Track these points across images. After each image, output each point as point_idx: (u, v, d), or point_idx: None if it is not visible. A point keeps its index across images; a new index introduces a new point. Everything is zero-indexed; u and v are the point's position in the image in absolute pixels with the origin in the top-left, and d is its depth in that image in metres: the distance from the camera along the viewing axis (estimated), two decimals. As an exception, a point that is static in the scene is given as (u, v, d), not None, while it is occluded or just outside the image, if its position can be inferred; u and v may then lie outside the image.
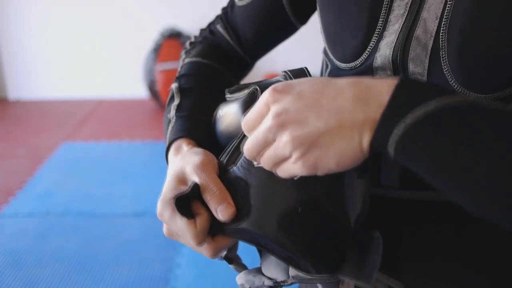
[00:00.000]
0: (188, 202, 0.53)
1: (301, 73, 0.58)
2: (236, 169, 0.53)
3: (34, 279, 1.99)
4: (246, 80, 0.68)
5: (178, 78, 0.72)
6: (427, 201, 0.60)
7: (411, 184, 0.59)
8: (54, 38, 4.03)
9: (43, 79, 4.13)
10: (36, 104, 4.06)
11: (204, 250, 0.54)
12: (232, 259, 0.61)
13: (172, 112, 0.67)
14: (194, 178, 0.53)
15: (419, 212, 0.61)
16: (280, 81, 0.59)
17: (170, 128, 0.64)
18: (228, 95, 0.63)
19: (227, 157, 0.55)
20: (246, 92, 0.59)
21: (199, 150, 0.58)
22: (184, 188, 0.53)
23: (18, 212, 2.46)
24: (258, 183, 0.51)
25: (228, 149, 0.56)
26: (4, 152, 3.18)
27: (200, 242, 0.52)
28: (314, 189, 0.50)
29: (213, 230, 0.53)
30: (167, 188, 0.54)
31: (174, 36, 3.72)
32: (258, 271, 0.60)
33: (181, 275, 2.03)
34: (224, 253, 0.59)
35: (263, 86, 0.59)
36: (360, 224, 0.52)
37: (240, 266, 0.61)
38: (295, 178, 0.49)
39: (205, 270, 2.04)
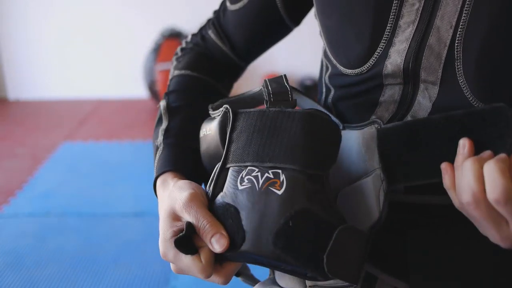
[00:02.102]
0: (189, 238, 0.53)
1: (279, 80, 0.58)
2: (224, 195, 0.53)
3: (34, 279, 1.99)
4: (244, 81, 0.68)
5: (167, 95, 0.71)
6: (431, 205, 0.60)
7: (415, 188, 0.59)
8: (54, 38, 4.02)
9: (43, 79, 4.13)
10: (36, 104, 4.05)
11: (216, 279, 0.54)
12: (240, 271, 0.61)
13: (160, 138, 0.65)
14: (184, 216, 0.53)
15: (423, 215, 0.61)
16: (260, 90, 0.59)
17: (158, 156, 0.64)
18: (211, 112, 0.62)
19: (212, 185, 0.55)
20: (220, 110, 0.59)
21: (184, 183, 0.57)
22: (179, 225, 0.54)
23: (18, 212, 2.46)
24: (246, 206, 0.51)
25: (212, 175, 0.56)
26: (4, 152, 3.18)
27: (208, 275, 0.52)
28: (301, 200, 0.50)
29: (218, 258, 0.53)
30: (164, 228, 0.55)
31: (174, 36, 3.72)
32: (273, 281, 0.60)
33: (181, 275, 2.02)
34: None
35: (238, 102, 0.59)
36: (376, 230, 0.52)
37: (249, 278, 0.61)
38: (280, 193, 0.50)
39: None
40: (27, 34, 4.02)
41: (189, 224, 0.52)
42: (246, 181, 0.52)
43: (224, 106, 0.58)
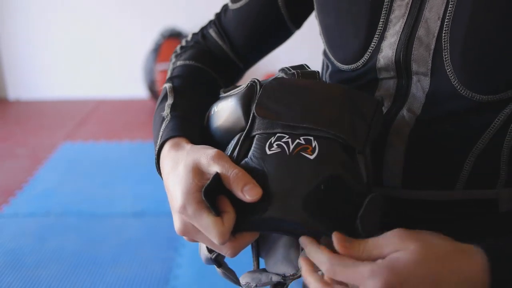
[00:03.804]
0: (213, 197, 0.51)
1: (301, 66, 0.58)
2: (249, 160, 0.52)
3: (34, 279, 1.99)
4: (241, 82, 0.68)
5: (171, 79, 0.70)
6: (429, 201, 0.60)
7: (413, 183, 0.60)
8: (54, 38, 4.03)
9: (43, 79, 4.13)
10: (36, 104, 4.05)
11: (225, 249, 0.53)
12: (221, 263, 0.60)
13: (167, 110, 0.64)
14: (213, 168, 0.51)
15: (421, 211, 0.61)
16: (281, 76, 0.59)
17: (164, 125, 0.62)
18: (223, 95, 0.62)
19: (236, 151, 0.54)
20: (243, 86, 0.58)
21: (204, 146, 0.56)
22: (204, 179, 0.51)
23: (18, 212, 2.46)
24: (276, 170, 0.51)
25: (234, 144, 0.55)
26: (4, 152, 3.18)
27: (225, 241, 0.51)
28: (333, 166, 0.50)
29: (236, 227, 0.52)
30: (187, 180, 0.52)
31: (174, 36, 3.72)
32: (263, 270, 0.59)
33: (181, 275, 2.03)
34: (215, 255, 0.58)
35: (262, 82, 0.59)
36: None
37: (228, 270, 0.61)
38: (312, 157, 0.50)
39: (205, 270, 2.04)
40: (27, 34, 4.02)
41: (216, 175, 0.51)
42: (275, 146, 0.52)
43: (251, 80, 0.58)
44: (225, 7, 0.76)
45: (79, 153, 3.17)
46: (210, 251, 0.58)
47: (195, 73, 0.73)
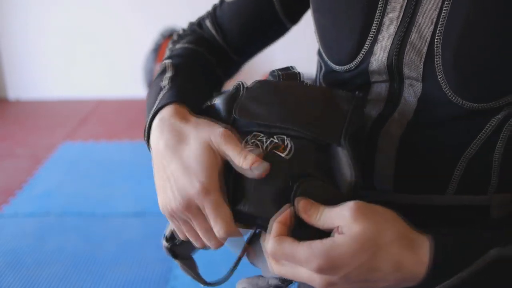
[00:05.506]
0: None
1: (287, 68, 0.61)
2: None
3: (34, 279, 1.99)
4: (238, 77, 0.69)
5: (170, 57, 0.70)
6: (420, 205, 0.60)
7: (404, 187, 0.59)
8: (54, 38, 4.03)
9: (43, 79, 4.13)
10: (36, 104, 4.06)
11: (213, 241, 0.55)
12: (178, 254, 0.61)
13: (165, 81, 0.64)
14: (222, 148, 0.53)
15: (412, 215, 0.61)
16: (270, 78, 0.60)
17: (161, 94, 0.62)
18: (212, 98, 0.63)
19: None
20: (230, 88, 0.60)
21: (209, 121, 0.56)
22: (220, 163, 0.53)
23: (18, 212, 2.46)
24: None
25: None
26: (4, 152, 3.18)
27: (231, 228, 0.52)
28: (304, 163, 0.52)
29: None
30: (208, 160, 0.53)
31: (174, 36, 3.73)
32: (260, 276, 0.60)
33: (181, 275, 2.03)
34: (171, 244, 0.60)
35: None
36: (357, 192, 0.52)
37: (187, 264, 0.61)
38: (284, 155, 0.52)
39: (205, 271, 2.04)
40: (27, 34, 4.02)
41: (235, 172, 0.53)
42: (250, 144, 0.54)
43: (237, 82, 0.60)
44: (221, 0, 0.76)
45: (79, 153, 3.17)
46: (167, 240, 0.60)
47: (194, 55, 0.73)
